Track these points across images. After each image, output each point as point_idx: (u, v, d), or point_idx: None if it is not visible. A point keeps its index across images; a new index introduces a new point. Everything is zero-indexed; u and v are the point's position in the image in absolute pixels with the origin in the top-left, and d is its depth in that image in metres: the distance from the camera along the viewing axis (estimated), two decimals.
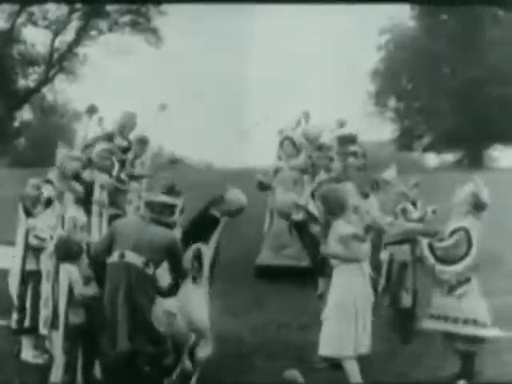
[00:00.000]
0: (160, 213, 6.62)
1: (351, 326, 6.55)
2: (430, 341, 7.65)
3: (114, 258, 6.44)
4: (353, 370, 6.60)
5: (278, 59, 20.13)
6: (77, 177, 8.94)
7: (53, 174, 8.00)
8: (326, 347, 6.63)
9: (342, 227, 6.69)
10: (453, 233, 7.00)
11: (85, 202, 8.07)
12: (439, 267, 6.99)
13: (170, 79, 19.34)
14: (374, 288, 7.12)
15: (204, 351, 6.90)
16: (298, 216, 7.50)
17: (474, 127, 23.22)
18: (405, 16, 24.23)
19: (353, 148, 9.86)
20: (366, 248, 6.80)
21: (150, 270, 6.38)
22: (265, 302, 9.11)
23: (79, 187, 7.99)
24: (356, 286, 6.64)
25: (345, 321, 6.56)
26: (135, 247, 6.41)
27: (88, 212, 8.19)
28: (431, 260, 7.02)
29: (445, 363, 7.29)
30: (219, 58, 19.84)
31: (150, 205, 6.70)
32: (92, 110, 10.39)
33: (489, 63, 22.73)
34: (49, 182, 7.94)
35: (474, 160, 23.67)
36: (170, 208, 6.69)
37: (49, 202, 7.85)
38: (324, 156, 9.99)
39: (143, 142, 10.01)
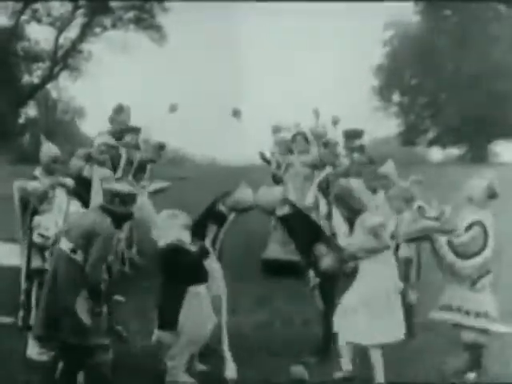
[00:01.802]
0: (110, 201, 6.47)
1: (382, 315, 6.64)
2: (432, 335, 7.67)
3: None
4: (378, 359, 6.71)
5: (280, 56, 20.12)
6: (80, 175, 9.02)
7: (38, 171, 8.00)
8: (356, 335, 6.69)
9: (369, 219, 6.75)
10: (469, 227, 7.02)
11: (78, 194, 8.10)
12: (459, 263, 6.99)
13: (173, 75, 19.35)
14: None
15: (229, 374, 6.96)
16: (283, 210, 7.50)
17: (477, 122, 23.22)
18: (409, 11, 24.23)
19: (359, 142, 9.88)
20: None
21: (77, 257, 6.31)
22: (269, 298, 9.12)
23: (69, 181, 8.01)
24: (385, 275, 6.75)
25: (376, 310, 6.64)
26: (67, 233, 6.43)
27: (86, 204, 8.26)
28: (451, 256, 7.02)
29: (448, 358, 7.31)
30: (222, 55, 19.84)
31: (104, 192, 6.64)
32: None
33: (492, 58, 22.72)
34: (35, 178, 7.93)
35: (478, 155, 23.67)
36: (121, 197, 6.49)
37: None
38: (330, 152, 10.01)
39: (161, 147, 10.04)
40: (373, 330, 6.65)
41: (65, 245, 6.38)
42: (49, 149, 8.05)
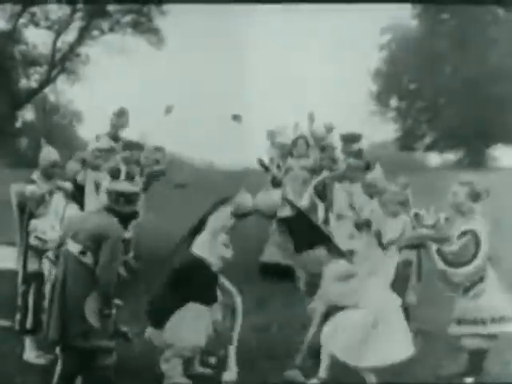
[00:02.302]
0: (115, 201, 6.52)
1: (382, 337, 6.67)
2: (429, 339, 7.67)
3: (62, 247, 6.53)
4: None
5: (278, 59, 20.12)
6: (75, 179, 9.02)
7: (36, 175, 7.99)
8: (344, 354, 6.70)
9: (335, 268, 6.87)
10: (461, 236, 7.03)
11: (76, 197, 8.09)
12: (450, 270, 7.01)
13: (171, 79, 19.34)
14: None
15: (229, 375, 6.96)
16: (285, 212, 7.52)
17: (475, 127, 23.20)
18: (406, 15, 24.22)
19: (356, 146, 9.88)
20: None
21: (86, 259, 6.32)
22: (266, 302, 9.12)
23: (68, 185, 8.00)
24: (376, 298, 6.77)
25: (369, 332, 6.68)
26: (75, 236, 6.40)
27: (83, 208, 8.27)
28: (441, 264, 7.04)
29: (445, 362, 7.31)
30: (220, 58, 19.83)
31: (107, 193, 6.65)
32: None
33: (490, 62, 22.70)
34: (33, 181, 7.92)
35: (476, 159, 23.65)
36: (126, 197, 6.56)
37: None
38: (327, 157, 10.02)
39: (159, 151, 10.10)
40: (366, 353, 6.66)
41: (73, 247, 6.37)
42: (48, 153, 8.04)
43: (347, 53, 20.15)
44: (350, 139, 10.04)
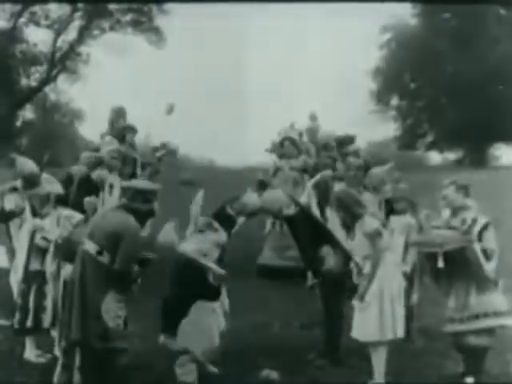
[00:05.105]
0: (131, 199, 6.39)
1: (388, 313, 6.73)
2: (430, 339, 7.66)
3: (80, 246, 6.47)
4: (380, 360, 6.77)
5: (279, 58, 20.16)
6: (84, 179, 9.00)
7: (19, 183, 7.95)
8: (365, 333, 6.76)
9: (367, 224, 6.85)
10: (483, 229, 6.92)
11: (66, 201, 8.01)
12: (488, 266, 6.93)
13: (171, 78, 19.36)
14: None
15: None
16: (290, 210, 7.52)
17: (476, 126, 23.21)
18: (406, 14, 24.26)
19: (352, 147, 9.88)
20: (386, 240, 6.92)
21: (103, 259, 6.24)
22: (267, 302, 9.11)
23: (57, 187, 7.90)
24: (389, 275, 6.82)
25: (382, 308, 6.73)
26: (91, 235, 6.34)
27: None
28: (484, 263, 6.92)
29: (446, 361, 7.30)
30: (220, 57, 19.86)
31: (123, 190, 6.60)
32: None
33: (491, 62, 22.71)
34: (15, 189, 7.90)
35: (476, 158, 23.66)
36: (143, 194, 6.44)
37: (11, 215, 7.85)
38: (328, 156, 10.02)
39: (157, 150, 10.12)
40: (381, 328, 6.71)
41: (90, 247, 6.31)
42: (23, 165, 7.99)
43: (347, 52, 20.19)
44: (345, 141, 10.05)
